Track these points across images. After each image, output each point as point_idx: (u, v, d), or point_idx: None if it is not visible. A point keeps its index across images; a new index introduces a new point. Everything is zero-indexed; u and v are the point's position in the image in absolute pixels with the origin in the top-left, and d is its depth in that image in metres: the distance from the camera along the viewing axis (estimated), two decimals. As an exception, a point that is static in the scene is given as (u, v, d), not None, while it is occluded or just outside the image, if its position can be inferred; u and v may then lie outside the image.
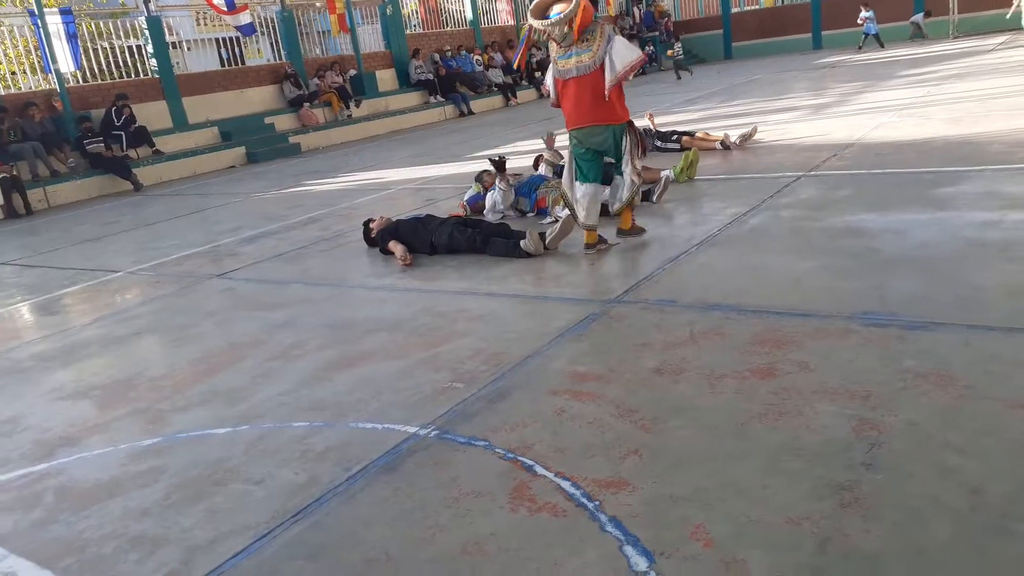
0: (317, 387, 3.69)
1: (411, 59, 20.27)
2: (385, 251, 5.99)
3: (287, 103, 17.49)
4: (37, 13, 13.71)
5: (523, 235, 5.40)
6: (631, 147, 5.12)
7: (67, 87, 14.10)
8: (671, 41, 23.46)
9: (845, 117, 9.92)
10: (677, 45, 21.74)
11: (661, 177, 6.67)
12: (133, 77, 15.68)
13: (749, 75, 18.74)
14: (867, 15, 20.74)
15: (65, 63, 13.82)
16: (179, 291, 5.95)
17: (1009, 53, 15.02)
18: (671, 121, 11.20)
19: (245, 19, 16.94)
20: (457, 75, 20.75)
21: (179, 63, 17.56)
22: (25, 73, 14.83)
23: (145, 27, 15.56)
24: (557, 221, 5.86)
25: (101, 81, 15.20)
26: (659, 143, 8.84)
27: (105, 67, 15.51)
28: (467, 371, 3.60)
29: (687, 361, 3.36)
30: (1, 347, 5.17)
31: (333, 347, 4.21)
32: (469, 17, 23.56)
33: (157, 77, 15.56)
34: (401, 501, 2.60)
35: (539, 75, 23.01)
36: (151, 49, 15.65)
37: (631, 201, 5.30)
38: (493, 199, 6.65)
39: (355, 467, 2.87)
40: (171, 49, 16.62)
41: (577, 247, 5.42)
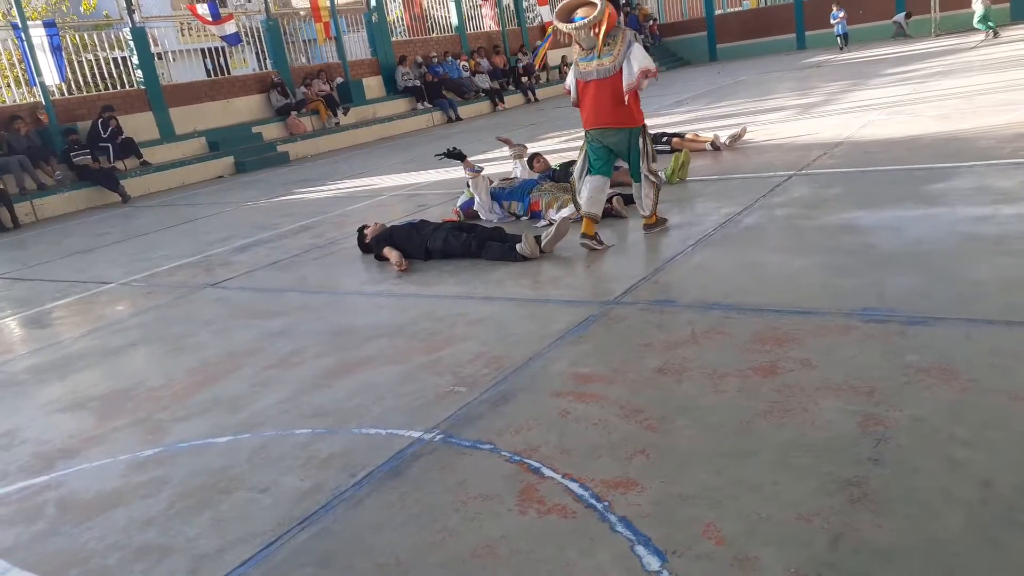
0: (318, 394, 3.67)
1: (398, 66, 20.27)
2: (380, 257, 5.98)
3: (274, 112, 17.44)
4: (21, 26, 13.62)
5: (519, 239, 5.40)
6: (645, 150, 5.28)
7: (52, 100, 14.01)
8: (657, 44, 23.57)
9: (833, 116, 9.98)
10: None
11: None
12: (119, 88, 15.61)
13: (735, 76, 18.84)
14: (841, 14, 21.11)
15: (50, 76, 13.73)
16: (173, 301, 5.92)
17: (992, 50, 15.16)
18: (660, 123, 11.25)
19: (230, 29, 16.93)
20: (444, 81, 20.76)
21: (164, 74, 17.46)
22: (10, 86, 14.72)
23: (130, 38, 15.50)
24: (552, 224, 5.86)
25: (87, 93, 15.13)
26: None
27: (90, 79, 15.44)
28: (469, 375, 3.59)
29: (689, 360, 3.36)
30: (-6, 361, 5.13)
31: (332, 354, 4.18)
32: (455, 23, 23.60)
33: (143, 88, 15.49)
34: (409, 506, 2.58)
35: (526, 80, 23.11)
36: (136, 60, 15.58)
37: (654, 205, 5.46)
38: (475, 196, 6.75)
39: (360, 473, 2.85)
40: (156, 60, 16.54)
41: (573, 251, 5.42)
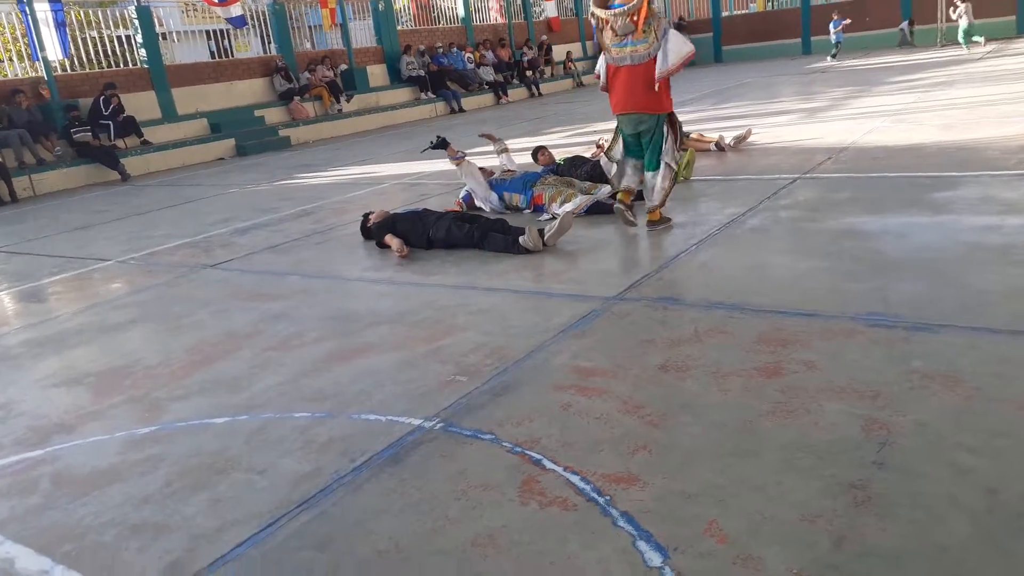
0: (317, 377, 3.65)
1: (402, 55, 20.20)
2: (381, 245, 5.95)
3: (277, 96, 17.35)
4: (25, 0, 13.52)
5: (522, 231, 5.37)
6: (670, 136, 5.37)
7: (55, 75, 13.91)
8: None
9: (838, 121, 9.97)
10: None
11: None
12: (122, 67, 15.51)
13: (740, 79, 18.81)
14: (845, 22, 21.04)
15: (53, 51, 13.65)
16: (172, 280, 5.88)
17: (997, 61, 15.17)
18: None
19: (236, 11, 16.82)
20: (448, 72, 20.69)
21: (167, 54, 17.34)
22: (12, 60, 14.63)
23: (135, 16, 15.40)
24: (555, 218, 5.85)
25: (89, 70, 15.02)
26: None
27: (93, 56, 15.33)
28: (470, 364, 3.57)
29: (692, 359, 3.34)
30: (-10, 334, 5.09)
31: (332, 339, 4.16)
32: (461, 15, 23.51)
33: (146, 67, 15.39)
34: (408, 493, 2.56)
35: (530, 74, 23.05)
36: (140, 39, 15.48)
37: (665, 197, 5.49)
38: (469, 187, 6.78)
39: (360, 458, 2.83)
40: (159, 40, 16.45)
41: (576, 245, 5.42)
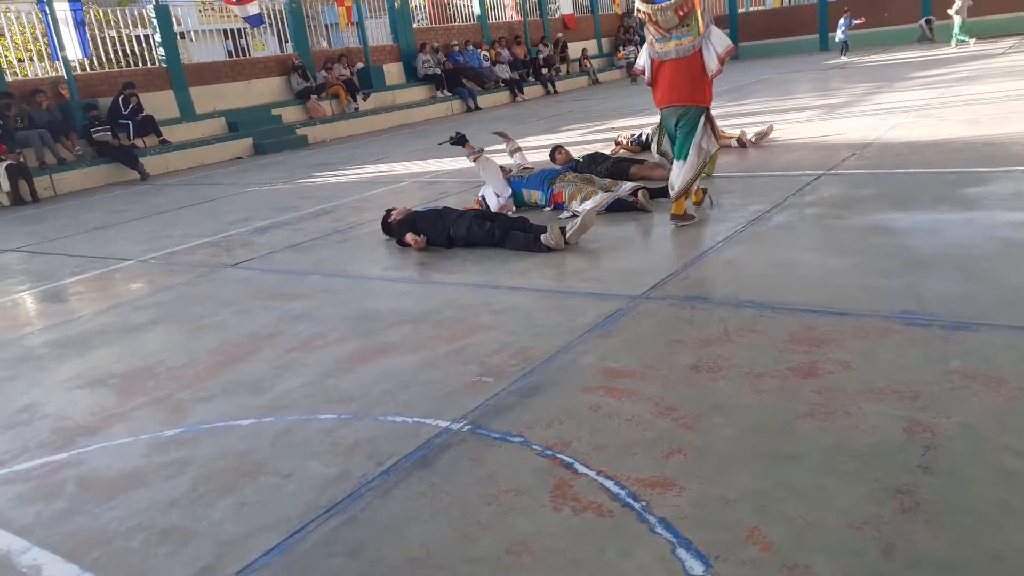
0: (342, 378, 3.60)
1: (418, 53, 20.17)
2: (401, 243, 5.91)
3: (294, 95, 17.37)
4: (45, 0, 13.58)
5: (543, 229, 5.32)
6: (705, 128, 5.37)
7: (74, 75, 13.96)
8: None
9: (860, 117, 9.84)
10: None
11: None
12: (140, 66, 15.57)
13: (757, 75, 18.65)
14: (856, 22, 20.61)
15: (73, 50, 13.72)
16: (193, 280, 5.86)
17: (1019, 56, 14.95)
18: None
19: (253, 10, 16.82)
20: (464, 70, 20.65)
21: (183, 54, 17.38)
22: (32, 60, 14.71)
23: (153, 15, 15.44)
24: (576, 216, 5.78)
25: (108, 69, 15.09)
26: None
27: (112, 55, 15.40)
28: (496, 365, 3.52)
29: (724, 359, 3.28)
30: (13, 334, 5.08)
31: (355, 339, 4.12)
32: (476, 12, 23.46)
33: (165, 66, 15.45)
34: (439, 498, 2.51)
35: (546, 72, 22.96)
36: (159, 38, 15.53)
37: (687, 188, 5.48)
38: (485, 179, 6.70)
39: (388, 461, 2.78)
40: (177, 40, 16.50)
41: (598, 243, 5.35)
